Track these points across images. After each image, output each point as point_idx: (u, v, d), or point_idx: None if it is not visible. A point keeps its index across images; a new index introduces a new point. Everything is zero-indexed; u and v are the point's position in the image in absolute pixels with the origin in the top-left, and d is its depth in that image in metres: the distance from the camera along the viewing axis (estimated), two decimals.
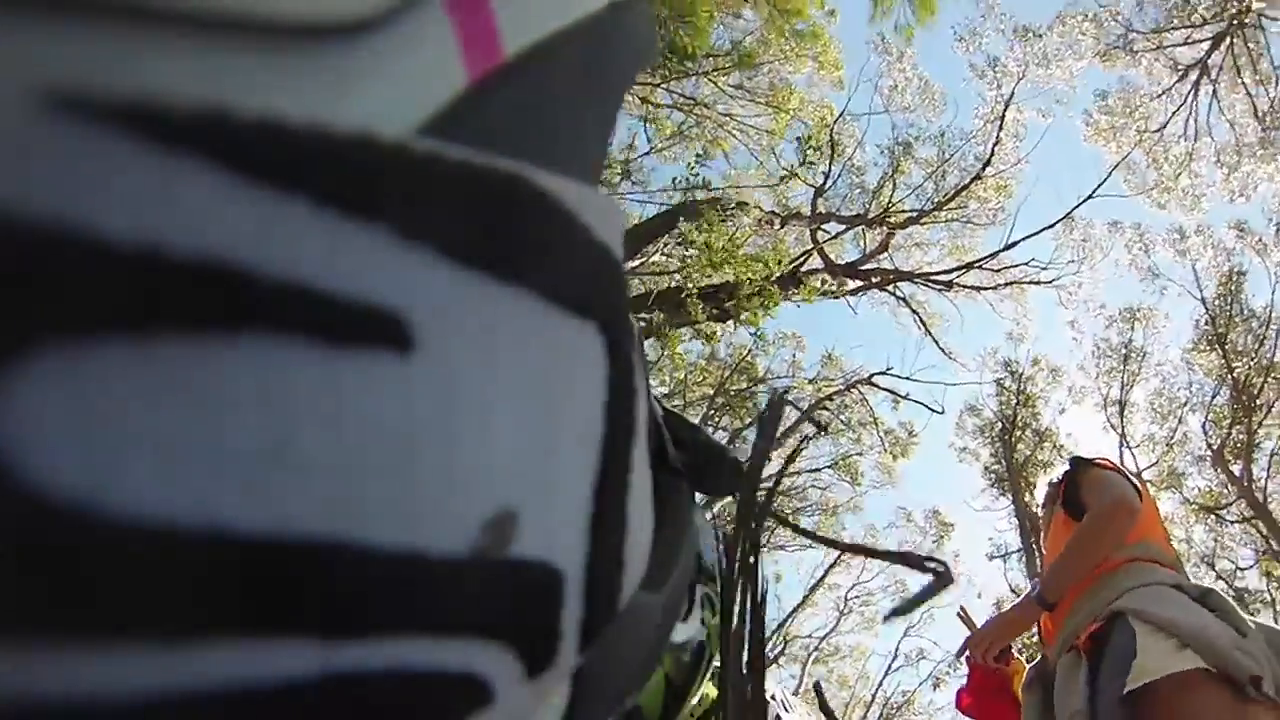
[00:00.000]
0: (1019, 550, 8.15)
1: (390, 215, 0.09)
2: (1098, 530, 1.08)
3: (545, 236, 0.11)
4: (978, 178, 6.81)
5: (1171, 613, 0.93)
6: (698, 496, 0.25)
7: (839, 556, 7.92)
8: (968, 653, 1.17)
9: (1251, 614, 1.02)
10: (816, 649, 8.36)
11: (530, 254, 0.11)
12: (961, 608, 1.33)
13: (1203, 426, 8.84)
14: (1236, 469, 8.45)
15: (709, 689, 0.30)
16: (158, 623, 0.08)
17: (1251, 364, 8.60)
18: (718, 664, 0.29)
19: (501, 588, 0.11)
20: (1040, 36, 7.67)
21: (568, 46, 0.13)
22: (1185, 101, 7.82)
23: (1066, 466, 1.21)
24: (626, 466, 0.14)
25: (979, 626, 1.19)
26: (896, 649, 8.65)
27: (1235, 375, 8.57)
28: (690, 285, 4.75)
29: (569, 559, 0.13)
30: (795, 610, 7.75)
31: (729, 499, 0.26)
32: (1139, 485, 1.14)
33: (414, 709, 0.10)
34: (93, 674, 0.07)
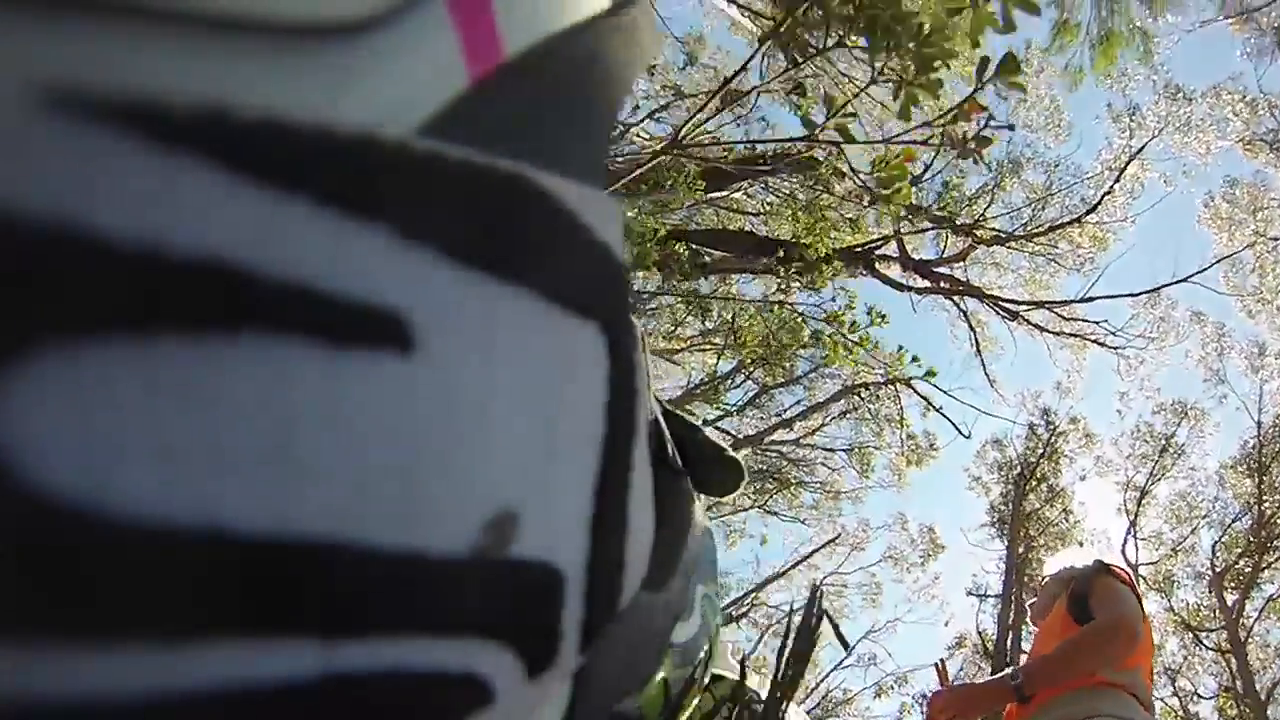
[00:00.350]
0: (998, 596, 8.14)
1: (391, 215, 0.09)
2: (1095, 645, 1.09)
3: (546, 236, 0.12)
4: (1078, 220, 6.62)
5: None
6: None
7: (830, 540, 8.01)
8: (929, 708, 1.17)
9: None
10: (778, 621, 8.53)
11: (531, 254, 0.11)
12: (940, 661, 1.37)
13: (1213, 546, 8.67)
14: (1230, 599, 8.30)
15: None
16: (158, 623, 0.08)
17: None
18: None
19: (502, 588, 0.11)
20: (1190, 101, 7.36)
21: (569, 46, 0.13)
22: None
23: (1090, 563, 1.21)
24: (627, 466, 0.14)
25: (951, 687, 1.20)
26: (852, 648, 8.77)
27: (1263, 509, 8.35)
28: (772, 234, 4.75)
29: (570, 559, 0.13)
30: (770, 580, 7.89)
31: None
32: (1143, 610, 1.15)
33: (414, 709, 0.10)
34: (93, 674, 0.07)
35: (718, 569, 0.29)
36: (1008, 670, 1.15)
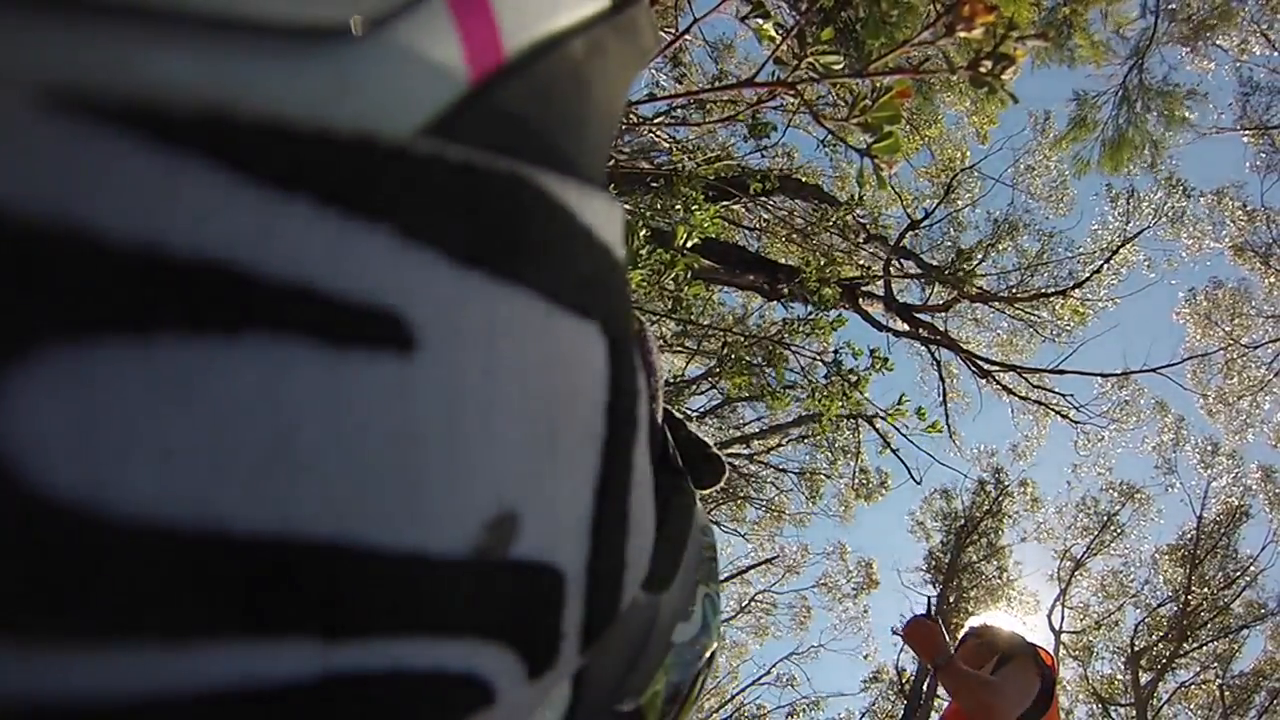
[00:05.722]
0: (913, 652, 8.34)
1: (392, 215, 0.09)
2: (979, 695, 1.27)
3: (546, 237, 0.12)
4: (1063, 293, 6.78)
5: None
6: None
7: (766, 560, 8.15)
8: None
9: None
10: None
11: (531, 254, 0.11)
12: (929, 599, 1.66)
13: (1136, 625, 8.94)
14: (1144, 678, 8.57)
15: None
16: (158, 623, 0.08)
17: (1208, 598, 8.64)
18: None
19: (503, 588, 0.11)
20: (1189, 197, 7.53)
21: (569, 46, 0.13)
22: None
23: (1024, 643, 1.37)
24: (628, 467, 0.14)
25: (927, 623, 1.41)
26: (772, 667, 8.92)
27: (1189, 599, 8.62)
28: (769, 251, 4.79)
29: (570, 560, 0.13)
30: None
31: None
32: (1054, 695, 1.29)
33: (415, 710, 0.10)
34: (93, 674, 0.07)
35: (718, 568, 0.29)
36: (951, 654, 1.33)
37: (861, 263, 5.86)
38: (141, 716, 0.08)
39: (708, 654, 0.27)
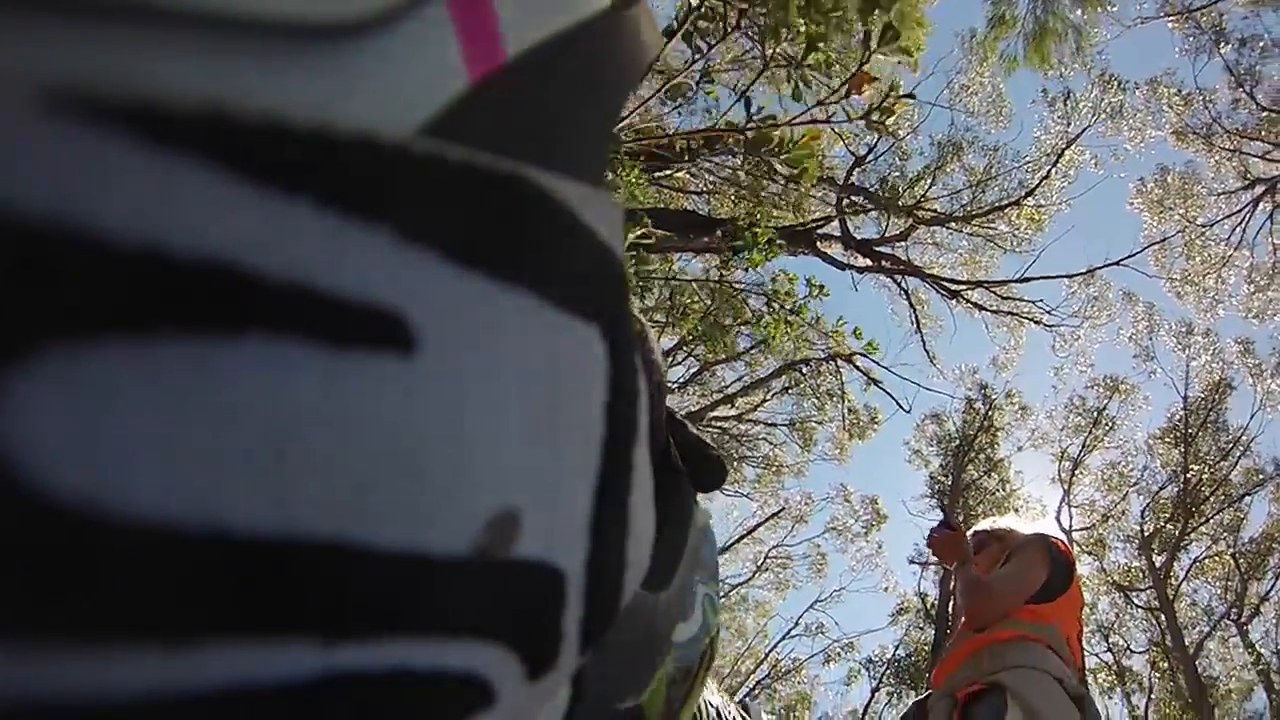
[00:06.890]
0: (938, 562, 8.51)
1: (392, 216, 0.09)
2: (962, 593, 1.25)
3: (547, 237, 0.12)
4: (1016, 203, 6.85)
5: (1044, 706, 1.04)
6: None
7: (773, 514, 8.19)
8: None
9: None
10: (725, 595, 8.76)
11: (532, 255, 0.11)
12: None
13: (1142, 511, 9.17)
14: (1159, 560, 8.81)
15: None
16: (158, 623, 0.08)
17: (1206, 472, 8.86)
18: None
19: (503, 588, 0.11)
20: (1124, 89, 7.61)
21: (569, 46, 0.13)
22: (1241, 210, 7.82)
23: (1036, 535, 1.34)
24: (628, 467, 0.15)
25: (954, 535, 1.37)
26: (799, 618, 9.05)
27: (1188, 477, 8.83)
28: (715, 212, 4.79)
29: (571, 560, 0.13)
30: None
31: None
32: (1072, 578, 1.26)
33: (415, 710, 0.10)
34: (93, 674, 0.07)
35: (718, 568, 0.29)
36: (967, 558, 1.31)
37: (813, 208, 5.89)
38: (141, 717, 0.08)
39: (708, 640, 0.28)
